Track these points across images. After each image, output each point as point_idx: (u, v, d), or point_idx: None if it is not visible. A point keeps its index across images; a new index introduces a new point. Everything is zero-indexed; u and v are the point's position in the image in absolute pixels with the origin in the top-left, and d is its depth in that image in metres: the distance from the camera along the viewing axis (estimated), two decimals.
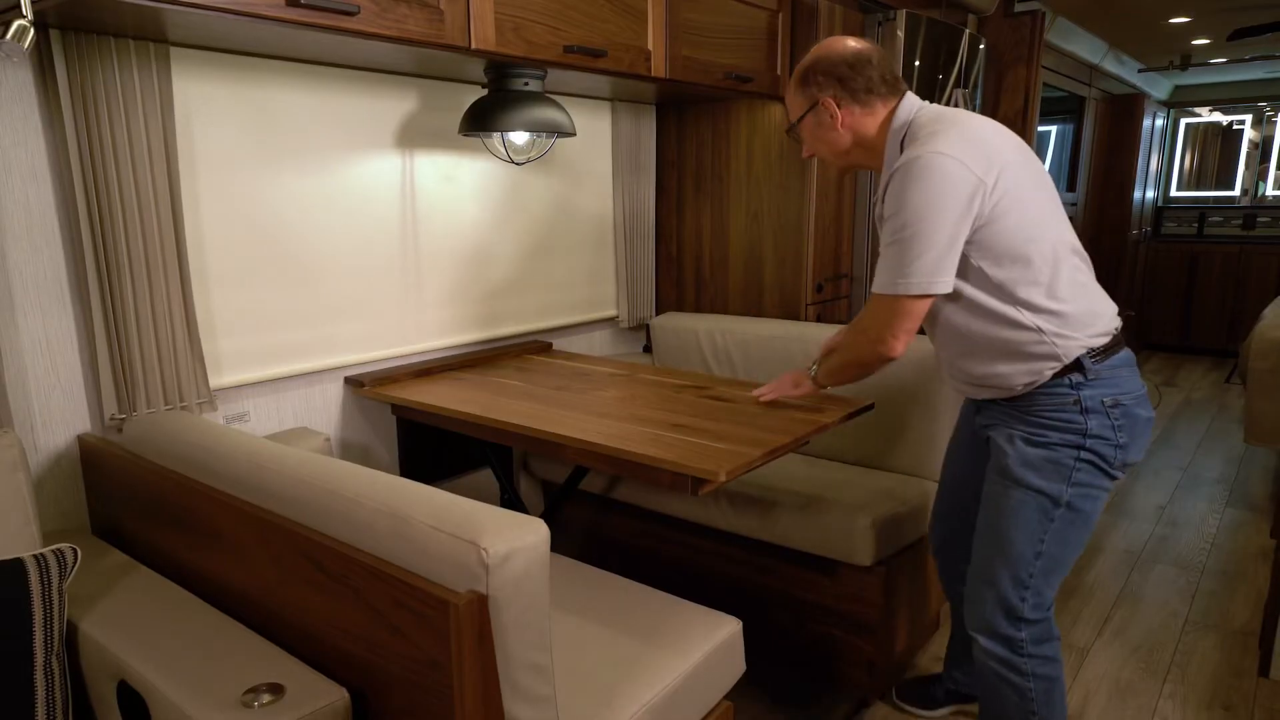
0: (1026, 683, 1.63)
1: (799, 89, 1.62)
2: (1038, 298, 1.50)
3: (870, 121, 1.60)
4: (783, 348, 2.46)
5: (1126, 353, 1.59)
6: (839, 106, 1.58)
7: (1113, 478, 1.58)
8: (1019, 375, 1.55)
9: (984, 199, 1.44)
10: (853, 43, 1.60)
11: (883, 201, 1.51)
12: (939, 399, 2.22)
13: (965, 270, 1.50)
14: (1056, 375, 1.53)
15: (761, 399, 1.93)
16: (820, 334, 2.36)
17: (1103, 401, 1.53)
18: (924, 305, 1.49)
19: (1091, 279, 1.59)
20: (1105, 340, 1.55)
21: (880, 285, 1.51)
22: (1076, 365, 1.52)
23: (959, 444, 1.89)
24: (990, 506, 1.64)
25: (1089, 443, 1.53)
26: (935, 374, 2.22)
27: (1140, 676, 2.28)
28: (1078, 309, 1.52)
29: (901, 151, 1.52)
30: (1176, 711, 2.13)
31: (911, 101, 1.59)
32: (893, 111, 1.58)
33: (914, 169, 1.43)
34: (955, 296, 1.54)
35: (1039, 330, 1.50)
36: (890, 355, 1.55)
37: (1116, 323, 1.60)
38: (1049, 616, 1.64)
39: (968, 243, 1.47)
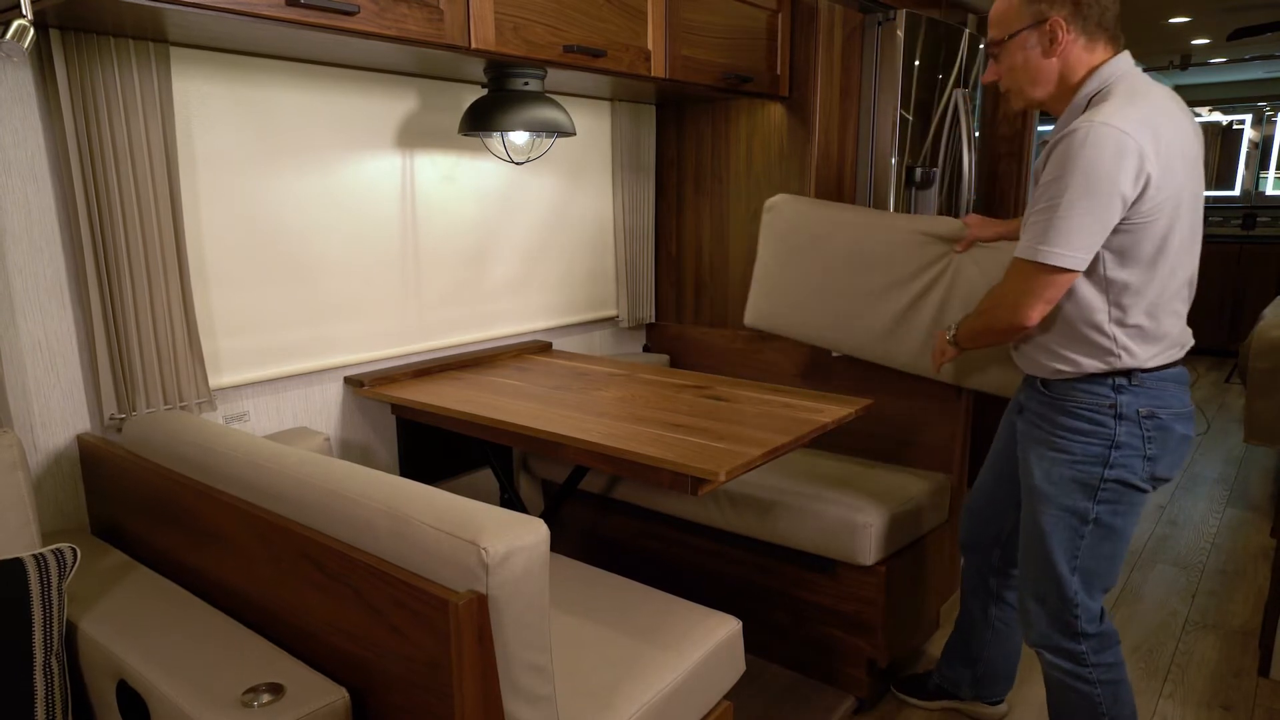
0: (1094, 690, 1.65)
1: (1025, 4, 1.47)
2: (1134, 311, 1.47)
3: (1086, 60, 1.46)
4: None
5: (1180, 370, 1.56)
6: (1066, 31, 1.44)
7: (1142, 491, 1.56)
8: (1062, 361, 1.54)
9: (1144, 189, 1.37)
10: None
11: (1047, 160, 1.42)
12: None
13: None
14: (1101, 375, 1.51)
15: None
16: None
17: (1138, 411, 1.51)
18: (1063, 279, 1.43)
19: (1186, 309, 1.56)
20: (1166, 360, 1.53)
21: (1023, 250, 1.45)
22: (1125, 371, 1.50)
23: (998, 447, 1.89)
24: (1028, 525, 1.66)
25: (1114, 455, 1.52)
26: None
27: (1140, 676, 2.28)
28: (1160, 332, 1.50)
29: (1084, 112, 1.42)
30: (1176, 711, 2.13)
31: (1123, 62, 1.46)
32: (1105, 61, 1.46)
33: (1090, 137, 1.34)
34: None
35: (1114, 339, 1.49)
36: (1024, 325, 1.48)
37: (1185, 348, 1.57)
38: (1105, 628, 1.65)
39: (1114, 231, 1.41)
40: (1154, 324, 1.49)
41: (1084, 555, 1.59)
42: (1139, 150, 1.35)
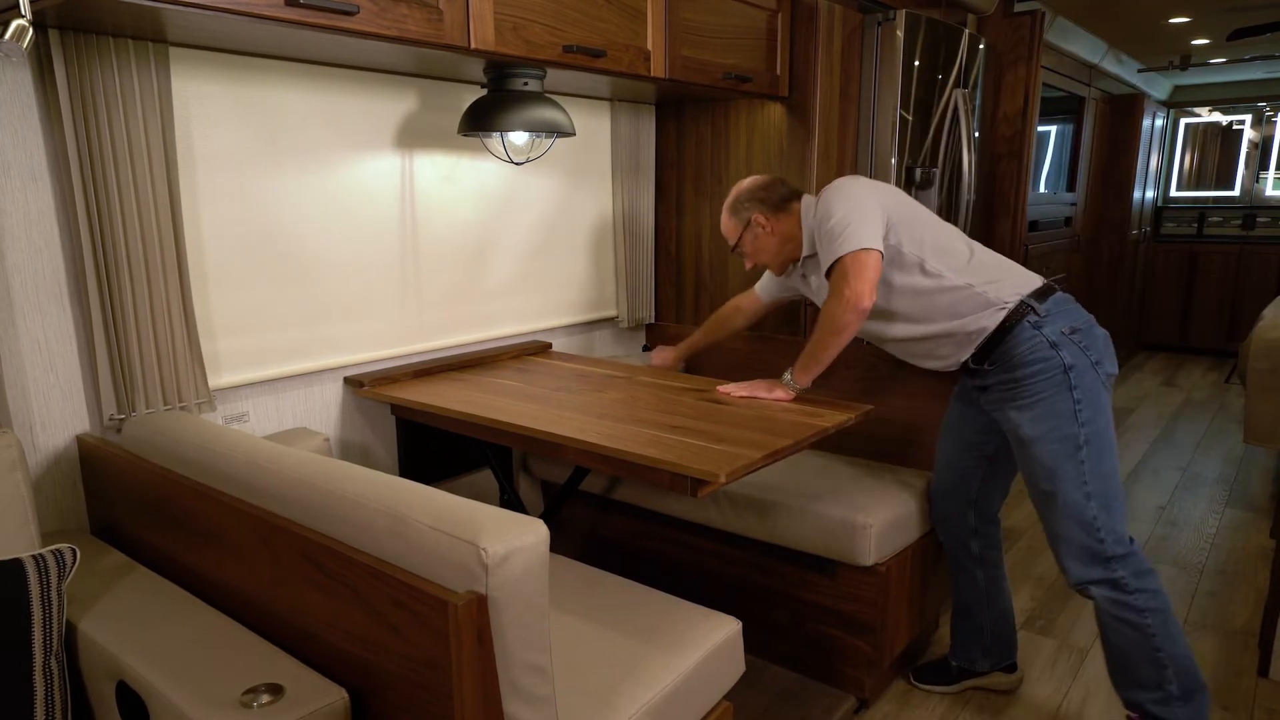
0: (1144, 619, 1.76)
1: (734, 218, 2.03)
2: (959, 263, 1.84)
3: (789, 221, 1.99)
4: None
5: (1063, 293, 1.85)
6: (766, 220, 1.99)
7: (1105, 389, 1.79)
8: (973, 327, 1.82)
9: (883, 197, 1.85)
10: (753, 177, 2.05)
11: (814, 255, 1.94)
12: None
13: (894, 255, 1.84)
14: (1011, 323, 1.78)
15: (731, 395, 1.99)
16: None
17: (1063, 331, 1.76)
18: (872, 258, 1.77)
19: (1004, 257, 1.93)
20: (1030, 286, 1.82)
21: (832, 255, 1.80)
22: (1027, 308, 1.78)
23: (951, 426, 2.07)
24: (1033, 475, 1.83)
25: (1072, 376, 1.75)
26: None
27: None
28: (996, 263, 1.87)
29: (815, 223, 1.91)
30: None
31: (807, 196, 2.01)
32: (799, 210, 1.99)
33: (823, 196, 1.87)
34: (895, 280, 1.86)
35: (970, 285, 1.81)
36: (861, 305, 1.77)
37: (1041, 280, 1.86)
38: (1135, 550, 1.78)
39: (889, 231, 1.82)
40: (984, 265, 1.85)
41: (1090, 477, 1.75)
42: (860, 181, 1.91)
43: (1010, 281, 1.83)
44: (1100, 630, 1.84)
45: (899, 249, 1.84)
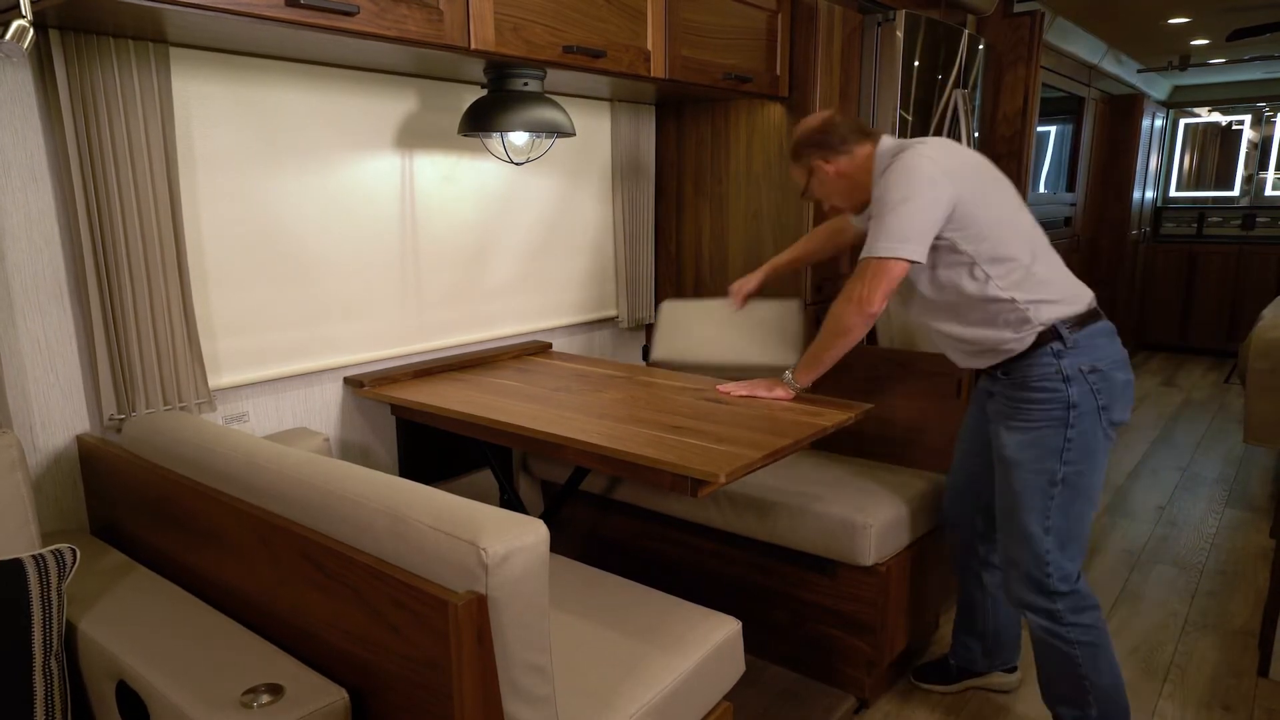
0: (1072, 650, 1.80)
1: (796, 165, 1.93)
2: (1015, 276, 1.72)
3: (855, 163, 1.86)
4: None
5: (1103, 324, 1.77)
6: (827, 163, 1.87)
7: (1106, 438, 1.75)
8: (1000, 340, 1.75)
9: (952, 185, 1.68)
10: (814, 117, 1.92)
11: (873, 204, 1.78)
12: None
13: (948, 250, 1.73)
14: (1038, 345, 1.72)
15: (731, 394, 1.98)
16: None
17: (1081, 368, 1.71)
18: (900, 269, 1.69)
19: (1063, 265, 1.80)
20: (1080, 307, 1.74)
21: (866, 249, 1.72)
22: (1055, 334, 1.71)
23: (969, 426, 2.03)
24: (1001, 492, 1.84)
25: (1072, 415, 1.71)
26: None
27: (1140, 676, 2.28)
28: (1051, 276, 1.75)
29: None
30: (1176, 711, 2.13)
31: (888, 140, 1.84)
32: (871, 152, 1.84)
33: (895, 164, 1.71)
34: (940, 274, 1.77)
35: (1013, 301, 1.72)
36: (869, 309, 1.73)
37: (1090, 296, 1.79)
38: (1079, 588, 1.79)
39: (949, 223, 1.70)
40: (1040, 279, 1.73)
41: (1054, 514, 1.75)
42: (933, 161, 1.69)
43: (1058, 303, 1.73)
44: (1033, 648, 1.89)
45: (953, 246, 1.72)
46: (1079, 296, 1.76)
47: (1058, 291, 1.74)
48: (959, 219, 1.69)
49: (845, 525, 1.97)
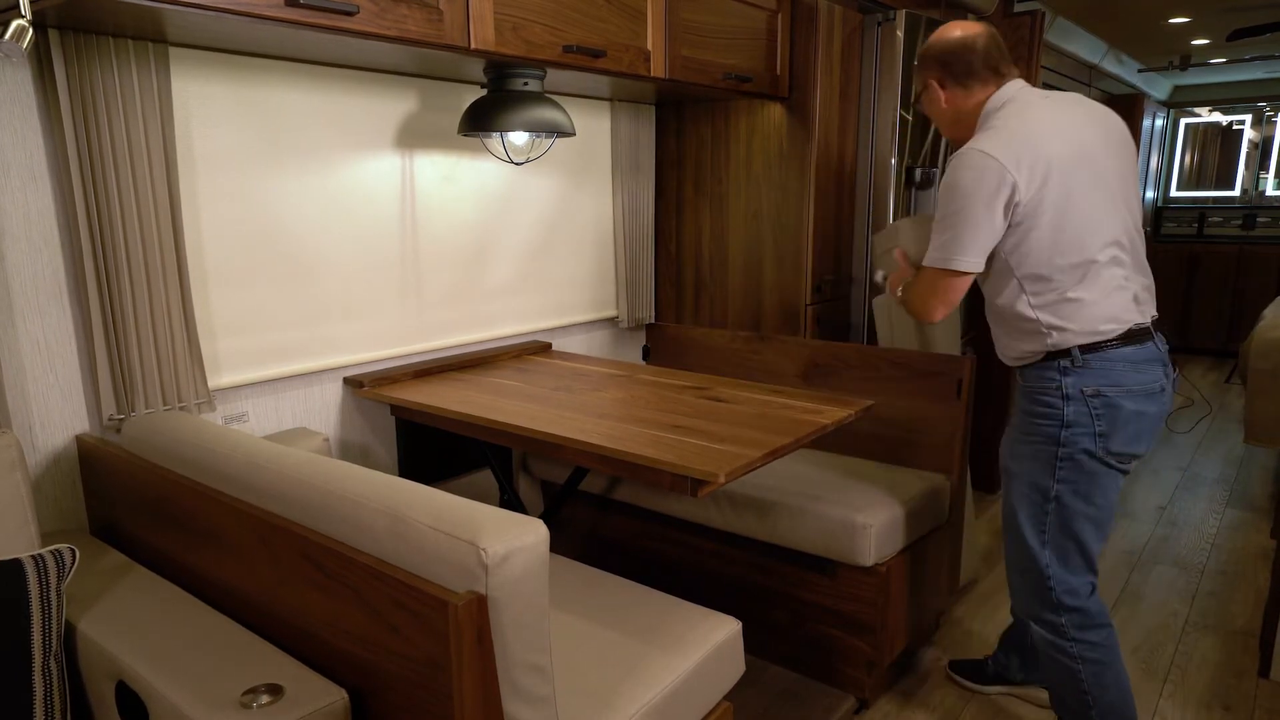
0: (1076, 665, 1.76)
1: (917, 71, 1.81)
2: (1049, 298, 1.65)
3: (968, 103, 1.73)
4: None
5: (1133, 349, 1.65)
6: (942, 88, 1.75)
7: (1105, 467, 1.68)
8: (1017, 347, 1.74)
9: (1016, 193, 1.58)
10: (959, 31, 1.73)
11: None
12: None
13: (997, 259, 1.67)
14: (1048, 358, 1.68)
15: (893, 287, 1.96)
16: None
17: (1083, 390, 1.65)
18: (959, 281, 1.66)
19: (1118, 280, 1.66)
20: (1107, 335, 1.64)
21: (929, 254, 1.69)
22: (1065, 351, 1.66)
23: None
24: (1004, 502, 1.84)
25: (1065, 433, 1.67)
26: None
27: (1140, 677, 2.28)
28: (1083, 311, 1.64)
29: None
30: (1176, 711, 2.13)
31: (1007, 90, 1.69)
32: (989, 96, 1.70)
33: (958, 161, 1.61)
34: (989, 277, 1.72)
35: (1037, 321, 1.67)
36: (928, 320, 1.74)
37: (1130, 323, 1.66)
38: (1087, 605, 1.75)
39: (1007, 232, 1.62)
40: (1073, 305, 1.63)
41: (1050, 530, 1.73)
42: (1000, 164, 1.56)
43: (1079, 334, 1.64)
44: (1040, 662, 1.87)
45: (1002, 255, 1.65)
46: (1111, 324, 1.64)
47: (1086, 322, 1.63)
48: (1017, 225, 1.61)
49: (845, 525, 1.97)
